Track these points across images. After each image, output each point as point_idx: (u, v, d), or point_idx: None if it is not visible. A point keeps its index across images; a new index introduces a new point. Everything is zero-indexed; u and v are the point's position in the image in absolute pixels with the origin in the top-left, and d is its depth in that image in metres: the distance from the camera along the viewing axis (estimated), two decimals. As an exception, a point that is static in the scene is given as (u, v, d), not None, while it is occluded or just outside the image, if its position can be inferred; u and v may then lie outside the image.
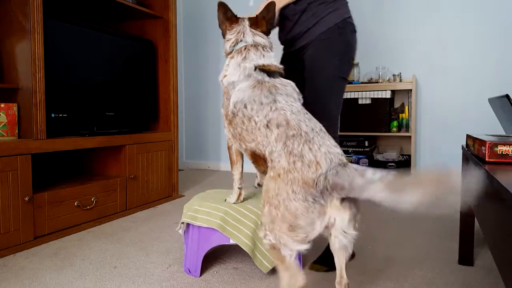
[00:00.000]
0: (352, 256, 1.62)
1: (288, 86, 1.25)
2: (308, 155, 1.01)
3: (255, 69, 1.28)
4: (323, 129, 1.11)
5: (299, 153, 1.01)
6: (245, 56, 1.32)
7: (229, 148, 1.40)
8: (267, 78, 1.26)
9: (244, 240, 1.40)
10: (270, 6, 1.42)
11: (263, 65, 1.30)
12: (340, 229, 1.01)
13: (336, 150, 1.03)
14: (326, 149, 1.02)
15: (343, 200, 0.97)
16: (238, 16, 1.46)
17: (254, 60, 1.31)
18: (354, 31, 1.58)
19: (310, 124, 1.10)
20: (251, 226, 1.40)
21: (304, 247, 1.02)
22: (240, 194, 1.47)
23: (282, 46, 1.72)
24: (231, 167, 1.44)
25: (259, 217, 1.41)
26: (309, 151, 1.01)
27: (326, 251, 1.44)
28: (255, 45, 1.35)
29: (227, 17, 1.42)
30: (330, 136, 1.10)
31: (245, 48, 1.34)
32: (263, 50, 1.35)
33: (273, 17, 1.45)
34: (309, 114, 1.16)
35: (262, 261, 1.42)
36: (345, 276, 1.09)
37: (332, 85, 1.52)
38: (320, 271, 1.48)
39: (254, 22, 1.42)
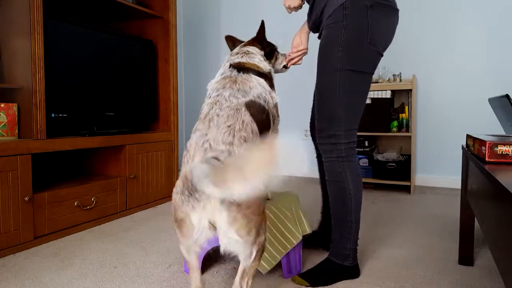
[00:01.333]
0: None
1: (252, 82, 1.25)
2: (192, 148, 1.02)
3: (229, 67, 1.32)
4: (238, 127, 1.05)
5: (188, 146, 1.05)
6: (226, 60, 1.38)
7: None
8: (234, 73, 1.28)
9: None
10: (261, 25, 1.46)
11: (238, 63, 1.33)
12: (223, 232, 0.96)
13: (220, 147, 0.99)
14: (211, 144, 1.00)
15: (223, 200, 0.92)
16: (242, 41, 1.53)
17: (232, 60, 1.35)
18: (374, 6, 1.25)
19: (221, 120, 1.07)
20: None
21: (193, 247, 1.03)
22: None
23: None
24: None
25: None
26: (195, 145, 1.02)
27: (315, 267, 1.44)
28: (239, 52, 1.39)
29: (233, 47, 1.50)
30: (236, 135, 1.03)
31: (227, 58, 1.40)
32: (247, 53, 1.38)
33: (263, 34, 1.47)
34: (241, 111, 1.11)
35: (261, 262, 1.41)
36: (236, 283, 1.03)
37: (335, 80, 1.31)
38: (301, 284, 1.39)
39: (249, 42, 1.48)
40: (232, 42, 1.57)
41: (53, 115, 2.01)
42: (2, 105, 1.83)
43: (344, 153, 1.35)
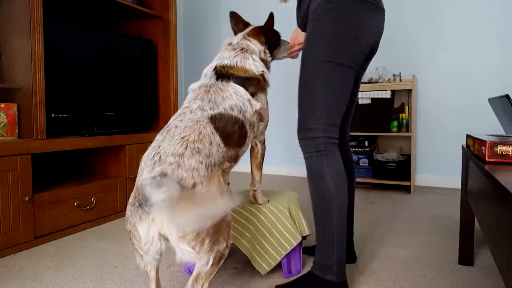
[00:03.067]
0: (353, 260, 1.58)
1: (227, 92, 1.24)
2: (143, 161, 1.06)
3: (213, 69, 1.32)
4: (192, 138, 1.08)
5: (142, 158, 1.08)
6: (219, 55, 1.37)
7: None
8: (212, 81, 1.28)
9: (242, 241, 1.40)
10: (270, 17, 1.43)
11: (222, 67, 1.32)
12: (175, 244, 0.99)
13: (169, 160, 1.00)
14: (161, 156, 1.02)
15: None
16: (249, 23, 1.50)
17: (221, 60, 1.34)
18: (358, 2, 1.23)
19: (177, 131, 1.10)
20: (250, 228, 1.40)
21: (145, 258, 1.04)
22: None
23: None
24: None
25: (258, 219, 1.41)
26: (146, 157, 1.06)
27: (293, 281, 1.31)
28: (237, 47, 1.37)
29: (235, 27, 1.49)
30: (190, 146, 1.05)
31: (224, 47, 1.39)
32: (243, 51, 1.36)
33: (271, 27, 1.44)
34: (201, 123, 1.13)
35: (260, 263, 1.41)
36: (188, 285, 1.04)
37: (316, 72, 1.24)
38: None
39: (254, 32, 1.45)
40: (235, 21, 1.50)
41: (53, 115, 2.01)
42: (2, 105, 1.83)
43: (323, 147, 1.24)
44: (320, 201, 1.25)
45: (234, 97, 1.25)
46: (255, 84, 1.33)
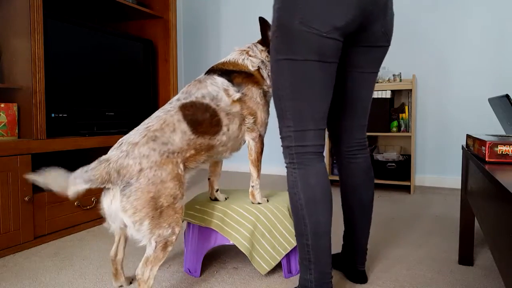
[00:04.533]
0: (364, 280, 1.39)
1: (205, 83, 1.32)
2: (112, 148, 1.19)
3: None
4: (155, 127, 1.18)
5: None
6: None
7: None
8: (202, 76, 1.37)
9: (242, 241, 1.39)
10: (260, 23, 1.45)
11: (217, 63, 1.41)
12: (123, 217, 1.13)
13: (123, 148, 1.14)
14: (121, 144, 1.16)
15: (122, 190, 1.10)
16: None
17: (223, 59, 1.44)
18: None
19: (147, 121, 1.23)
20: (249, 228, 1.40)
21: (112, 225, 1.20)
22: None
23: None
24: None
25: (257, 219, 1.41)
26: (116, 144, 1.20)
27: None
28: (244, 50, 1.44)
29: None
30: (148, 134, 1.16)
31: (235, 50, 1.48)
32: (245, 53, 1.43)
33: (265, 31, 1.44)
34: (170, 112, 1.23)
35: (260, 263, 1.41)
36: (138, 269, 1.14)
37: (276, 73, 1.11)
38: None
39: (260, 40, 1.50)
40: (264, 28, 1.45)
41: (53, 115, 2.01)
42: (2, 105, 1.83)
43: (296, 158, 1.11)
44: (295, 219, 1.14)
45: (209, 87, 1.31)
46: (244, 77, 1.36)
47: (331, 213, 1.12)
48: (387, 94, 2.97)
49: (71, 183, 1.10)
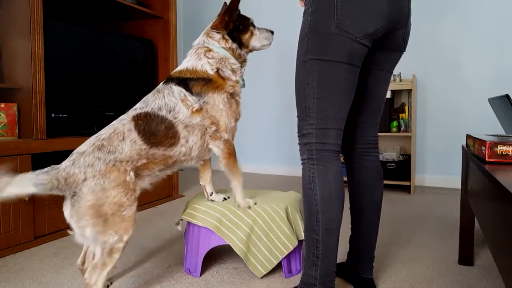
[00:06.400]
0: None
1: (161, 94, 1.31)
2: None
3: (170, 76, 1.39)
4: (104, 136, 1.22)
5: None
6: (186, 60, 1.44)
7: None
8: (160, 86, 1.36)
9: (238, 243, 1.39)
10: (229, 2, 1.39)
11: (175, 71, 1.39)
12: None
13: (72, 157, 1.18)
14: (73, 153, 1.19)
15: (72, 200, 1.15)
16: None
17: (181, 66, 1.41)
18: None
19: (101, 131, 1.26)
20: (246, 230, 1.39)
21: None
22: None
23: None
24: None
25: (255, 221, 1.40)
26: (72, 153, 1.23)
27: None
28: (196, 48, 1.42)
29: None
30: (96, 143, 1.20)
31: (190, 51, 1.45)
32: (197, 53, 1.39)
33: (231, 9, 1.37)
34: (122, 121, 1.28)
35: (256, 266, 1.41)
36: (86, 274, 1.16)
37: (304, 73, 1.14)
38: None
39: (215, 22, 1.43)
40: (226, 11, 1.41)
41: (53, 115, 2.01)
42: (2, 105, 1.83)
43: (315, 154, 1.13)
44: (307, 214, 1.15)
45: (166, 98, 1.30)
46: (203, 85, 1.33)
47: (343, 212, 1.14)
48: (387, 94, 2.96)
49: (13, 184, 1.06)
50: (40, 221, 1.85)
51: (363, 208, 1.30)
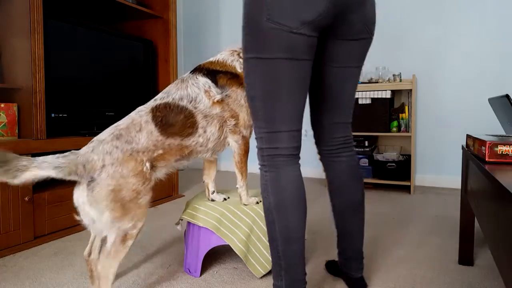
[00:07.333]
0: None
1: (187, 83, 1.33)
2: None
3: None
4: (122, 126, 1.23)
5: None
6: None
7: None
8: (186, 75, 1.38)
9: (237, 243, 1.39)
10: None
11: (206, 62, 1.42)
12: (87, 208, 1.16)
13: (92, 144, 1.18)
14: (93, 140, 1.21)
15: (89, 184, 1.14)
16: None
17: (212, 58, 1.44)
18: None
19: (120, 120, 1.27)
20: (246, 230, 1.39)
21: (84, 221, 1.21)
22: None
23: None
24: None
25: (254, 221, 1.41)
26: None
27: None
28: (234, 51, 1.45)
29: None
30: (115, 132, 1.21)
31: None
32: (235, 54, 1.42)
33: None
34: (140, 113, 1.27)
35: (255, 266, 1.41)
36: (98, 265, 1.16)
37: (247, 72, 1.07)
38: None
39: None
40: None
41: (53, 115, 2.02)
42: (2, 105, 1.83)
43: (266, 161, 1.07)
44: (266, 223, 1.09)
45: (189, 88, 1.31)
46: (229, 78, 1.36)
47: (304, 218, 1.07)
48: (387, 94, 2.97)
49: (34, 165, 1.06)
50: (40, 221, 1.85)
51: (342, 209, 1.25)
